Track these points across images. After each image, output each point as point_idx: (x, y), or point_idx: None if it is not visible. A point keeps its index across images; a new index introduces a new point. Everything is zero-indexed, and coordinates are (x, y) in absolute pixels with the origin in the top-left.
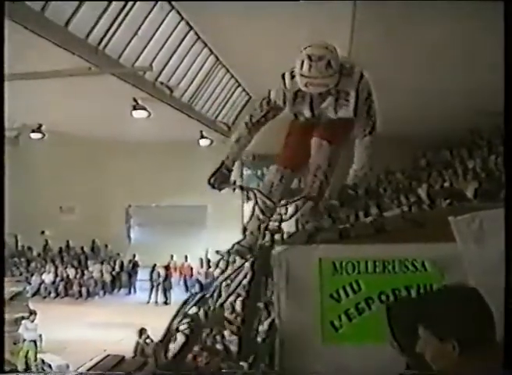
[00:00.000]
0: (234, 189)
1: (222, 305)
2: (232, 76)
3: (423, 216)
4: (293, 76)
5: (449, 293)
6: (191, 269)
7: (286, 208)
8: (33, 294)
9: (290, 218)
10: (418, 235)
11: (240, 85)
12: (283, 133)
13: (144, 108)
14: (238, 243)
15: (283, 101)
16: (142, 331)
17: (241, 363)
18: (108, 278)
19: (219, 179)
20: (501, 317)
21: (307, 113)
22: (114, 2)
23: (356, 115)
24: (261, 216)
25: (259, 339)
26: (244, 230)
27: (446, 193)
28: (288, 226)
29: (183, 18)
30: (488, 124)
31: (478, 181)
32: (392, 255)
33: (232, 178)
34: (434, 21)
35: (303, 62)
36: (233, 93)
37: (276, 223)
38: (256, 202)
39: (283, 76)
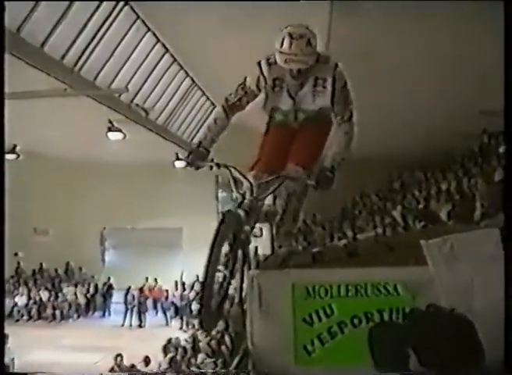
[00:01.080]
0: (211, 167)
1: None
2: (208, 98)
3: (395, 239)
4: (269, 64)
5: (436, 319)
6: (166, 291)
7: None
8: (6, 317)
9: (265, 198)
10: (391, 259)
11: (215, 107)
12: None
13: (120, 130)
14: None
15: (258, 87)
16: (118, 357)
17: None
18: (82, 301)
19: (196, 155)
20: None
21: (285, 104)
22: (90, 24)
23: (333, 102)
24: (235, 195)
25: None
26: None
27: (420, 215)
28: (263, 248)
29: (159, 40)
30: (462, 146)
31: (451, 203)
32: (365, 278)
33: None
34: (409, 40)
35: (283, 40)
36: (209, 115)
37: (251, 199)
38: (233, 180)
39: (259, 63)
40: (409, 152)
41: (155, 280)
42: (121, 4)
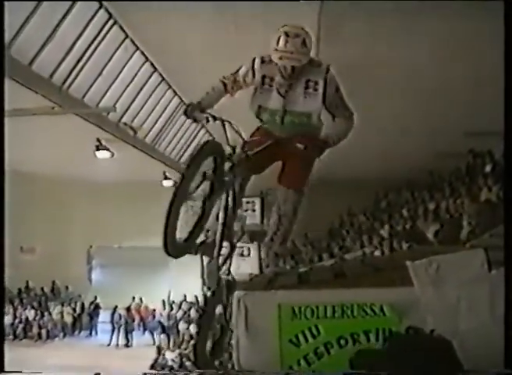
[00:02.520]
0: (208, 120)
1: None
2: None
3: (382, 260)
4: (263, 61)
5: (416, 341)
6: (153, 311)
7: None
8: None
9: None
10: (377, 280)
11: (203, 126)
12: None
13: (107, 149)
14: None
15: (245, 79)
16: None
17: None
18: (68, 320)
19: (193, 108)
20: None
21: (274, 102)
22: (79, 42)
23: (326, 105)
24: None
25: None
26: None
27: (407, 235)
28: (251, 269)
29: (147, 59)
30: (448, 166)
31: (439, 223)
32: (351, 299)
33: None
34: (395, 58)
35: (279, 38)
36: (197, 134)
37: (240, 153)
38: (225, 134)
39: (254, 60)
40: (395, 171)
41: (141, 299)
42: (110, 23)
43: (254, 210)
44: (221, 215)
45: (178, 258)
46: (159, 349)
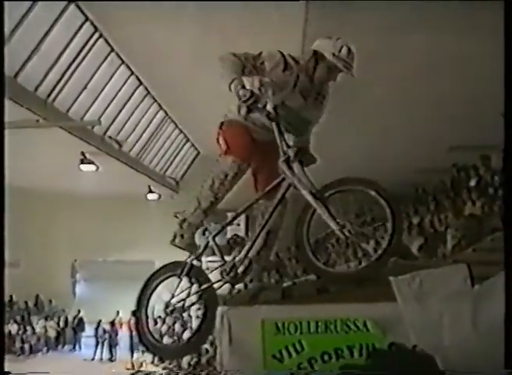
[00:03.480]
0: (268, 117)
1: None
2: (181, 131)
3: (365, 275)
4: (294, 60)
5: (398, 357)
6: None
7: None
8: None
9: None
10: (360, 295)
11: (188, 140)
12: (244, 191)
13: (92, 162)
14: None
15: (273, 67)
16: None
17: None
18: (52, 334)
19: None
20: None
21: (293, 100)
22: (64, 55)
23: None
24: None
25: None
26: None
27: (391, 249)
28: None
29: (132, 73)
30: (433, 180)
31: (423, 237)
32: (335, 315)
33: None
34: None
35: (341, 48)
36: (182, 148)
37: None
38: (280, 136)
39: (282, 54)
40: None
41: (118, 313)
42: (95, 36)
43: (238, 224)
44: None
45: None
46: (141, 364)
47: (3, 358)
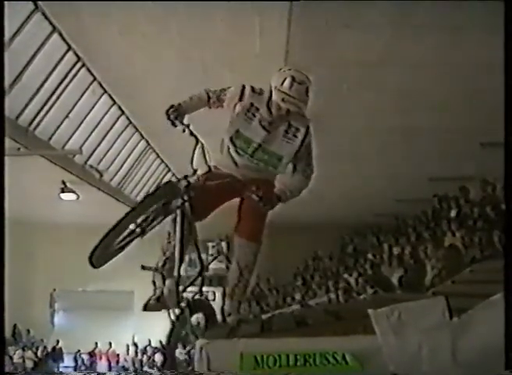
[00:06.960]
0: (184, 130)
1: None
2: (162, 161)
3: (344, 308)
4: (253, 90)
5: None
6: (117, 355)
7: None
8: None
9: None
10: (339, 328)
11: (169, 170)
12: (228, 218)
13: (73, 191)
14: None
15: (230, 100)
16: None
17: None
18: (29, 365)
19: (175, 110)
20: None
21: (255, 133)
22: (46, 84)
23: (297, 155)
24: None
25: None
26: None
27: (371, 280)
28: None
29: (115, 102)
30: (414, 211)
31: (403, 268)
32: (314, 348)
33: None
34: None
35: (285, 80)
36: (163, 178)
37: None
38: (192, 153)
39: (243, 86)
40: (360, 216)
41: (110, 343)
42: (78, 65)
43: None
44: (177, 235)
45: (98, 267)
46: None
47: (3, 358)
